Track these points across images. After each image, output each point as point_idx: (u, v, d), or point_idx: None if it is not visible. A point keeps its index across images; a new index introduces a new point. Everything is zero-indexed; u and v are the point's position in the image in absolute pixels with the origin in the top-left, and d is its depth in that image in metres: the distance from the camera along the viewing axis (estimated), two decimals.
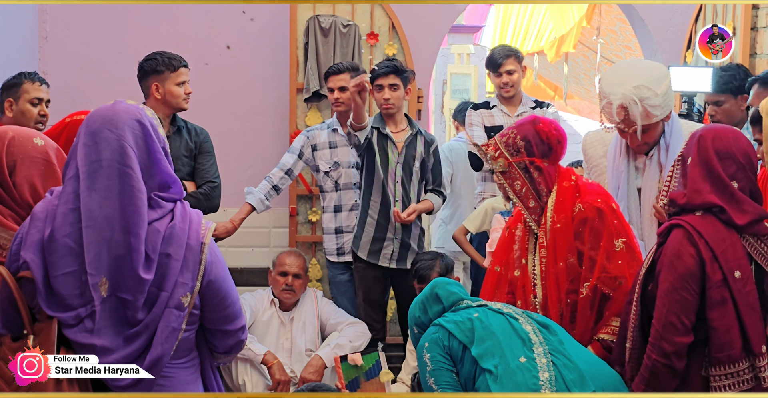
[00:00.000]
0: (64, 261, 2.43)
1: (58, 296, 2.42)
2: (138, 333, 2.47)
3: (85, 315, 2.43)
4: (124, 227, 2.45)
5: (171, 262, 2.50)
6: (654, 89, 3.65)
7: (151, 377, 2.47)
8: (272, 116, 6.35)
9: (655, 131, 3.78)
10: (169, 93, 4.76)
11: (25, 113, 4.27)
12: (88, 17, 6.23)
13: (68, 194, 2.48)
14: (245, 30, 6.33)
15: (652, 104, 3.66)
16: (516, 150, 3.63)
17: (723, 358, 2.96)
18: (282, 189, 5.43)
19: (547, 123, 3.67)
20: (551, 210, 3.60)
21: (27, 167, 2.75)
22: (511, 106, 5.95)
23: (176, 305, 2.50)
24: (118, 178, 2.48)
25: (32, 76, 4.35)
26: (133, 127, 2.54)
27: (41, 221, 2.47)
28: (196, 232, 2.56)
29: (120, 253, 2.44)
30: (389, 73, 5.11)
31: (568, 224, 3.57)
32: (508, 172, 3.65)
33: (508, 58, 5.85)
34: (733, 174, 3.04)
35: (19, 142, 2.77)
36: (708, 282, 2.97)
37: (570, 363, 3.02)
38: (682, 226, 3.04)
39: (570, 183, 3.64)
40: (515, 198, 3.67)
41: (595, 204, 3.56)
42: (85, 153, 2.50)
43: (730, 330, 2.95)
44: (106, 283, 2.43)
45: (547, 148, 3.63)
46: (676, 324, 2.98)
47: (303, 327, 5.24)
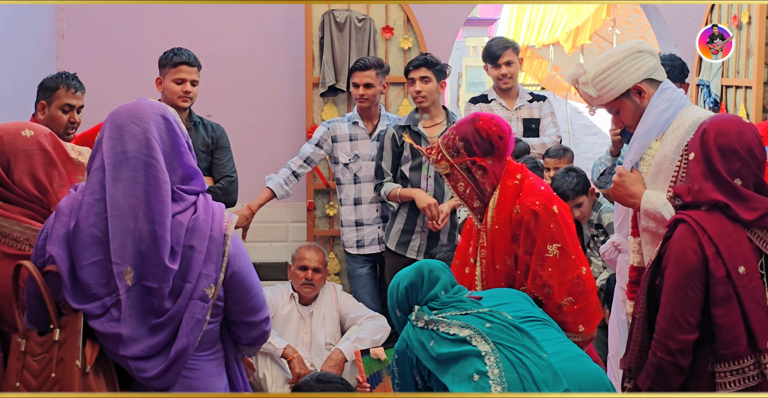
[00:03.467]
0: (89, 251, 2.45)
1: (83, 286, 2.44)
2: (163, 324, 2.49)
3: (111, 305, 2.45)
4: (149, 217, 2.47)
5: (195, 254, 2.52)
6: (587, 68, 3.56)
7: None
8: (288, 111, 6.37)
9: (627, 112, 3.59)
10: (166, 89, 4.79)
11: (54, 119, 4.21)
12: (105, 15, 6.26)
13: (93, 185, 2.50)
14: (261, 25, 6.34)
15: (582, 81, 3.55)
16: (456, 151, 3.56)
17: (728, 355, 2.93)
18: (301, 175, 5.46)
19: (486, 119, 3.58)
20: (492, 210, 3.53)
21: (22, 161, 2.76)
22: (509, 99, 5.97)
23: (200, 296, 2.52)
24: (143, 168, 2.50)
25: (69, 81, 4.22)
26: (158, 121, 2.57)
27: (66, 215, 2.49)
28: (219, 225, 2.59)
29: (145, 243, 2.46)
30: (420, 66, 5.18)
31: (506, 225, 3.49)
32: (451, 174, 3.58)
33: (507, 49, 5.87)
34: (737, 171, 2.99)
35: (8, 139, 2.79)
36: (711, 279, 2.93)
37: (542, 361, 2.86)
38: (687, 221, 3.01)
39: (513, 182, 3.55)
40: (460, 199, 3.61)
41: (532, 207, 3.46)
42: (111, 145, 2.52)
43: (735, 327, 2.92)
44: (131, 272, 2.45)
45: (488, 145, 3.54)
46: (680, 322, 2.95)
47: (323, 321, 5.25)
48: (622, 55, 3.54)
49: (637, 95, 3.54)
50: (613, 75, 3.52)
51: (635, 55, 3.54)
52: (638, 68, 3.53)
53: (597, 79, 3.54)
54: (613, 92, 3.53)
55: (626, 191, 3.48)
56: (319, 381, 3.72)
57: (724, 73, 6.22)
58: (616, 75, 3.52)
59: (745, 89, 5.97)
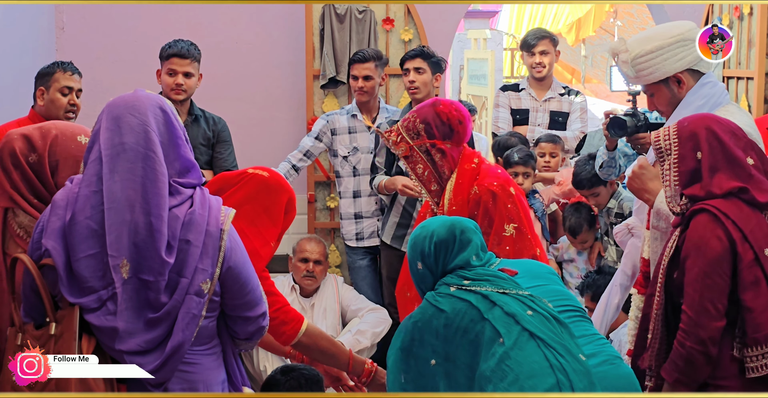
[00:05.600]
0: (86, 244, 2.43)
1: (79, 279, 2.42)
2: (160, 318, 2.47)
3: (107, 298, 2.43)
4: (146, 209, 2.45)
5: (191, 249, 2.49)
6: (629, 45, 3.49)
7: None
8: (289, 103, 6.36)
9: (662, 98, 3.54)
10: (161, 81, 4.78)
11: (54, 102, 4.26)
12: (105, 7, 6.25)
13: (90, 177, 2.48)
14: (261, 17, 6.33)
15: (623, 59, 3.50)
16: (416, 133, 3.58)
17: (760, 338, 2.88)
18: (301, 169, 5.47)
19: (447, 104, 3.60)
20: (449, 192, 3.55)
21: (70, 166, 2.72)
22: (540, 89, 5.95)
23: (196, 291, 2.50)
24: (141, 161, 2.48)
25: (65, 65, 4.32)
26: (156, 113, 2.55)
27: (62, 208, 2.47)
28: (215, 219, 2.56)
29: (141, 235, 2.44)
30: (415, 57, 5.20)
31: (464, 207, 3.51)
32: (410, 157, 3.60)
33: (543, 39, 5.89)
34: (745, 149, 3.00)
35: (62, 141, 2.74)
36: (740, 264, 2.90)
37: (580, 367, 2.65)
38: (707, 210, 2.96)
39: (471, 165, 3.58)
40: (418, 182, 3.62)
41: (490, 188, 3.50)
42: (108, 137, 2.49)
43: (767, 309, 2.88)
44: (127, 265, 2.43)
45: (448, 129, 3.57)
46: (710, 309, 2.90)
47: (324, 313, 5.25)
48: (669, 40, 3.47)
49: (676, 84, 3.49)
50: (656, 60, 3.46)
51: (682, 43, 3.48)
52: (683, 57, 3.47)
53: (638, 60, 3.47)
54: (652, 77, 3.48)
55: (643, 185, 3.42)
56: (283, 372, 3.75)
57: (726, 64, 6.21)
58: (658, 60, 3.46)
59: (747, 80, 5.96)
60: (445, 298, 2.71)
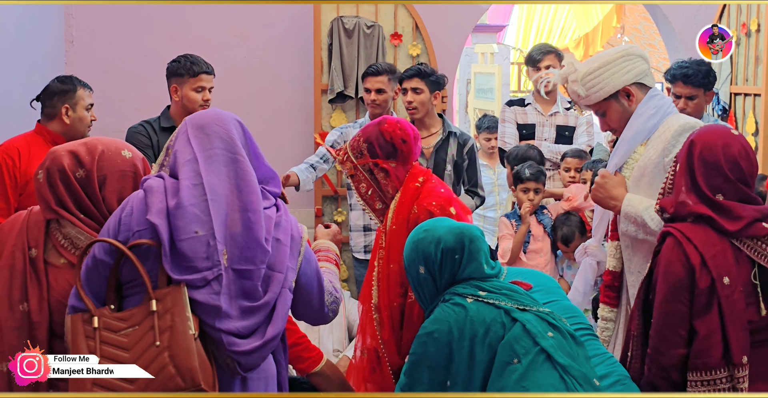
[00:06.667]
0: (191, 226, 2.48)
1: (184, 258, 2.47)
2: (257, 308, 2.53)
3: (212, 278, 2.47)
4: (242, 206, 2.55)
5: (281, 247, 2.61)
6: (577, 66, 3.60)
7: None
8: (297, 117, 6.38)
9: (614, 114, 3.61)
10: (186, 97, 4.79)
11: (82, 120, 4.43)
12: (114, 20, 6.29)
13: (189, 172, 2.56)
14: (269, 32, 6.36)
15: (572, 79, 3.60)
16: (360, 152, 3.58)
17: (699, 364, 2.87)
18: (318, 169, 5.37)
19: (392, 123, 3.58)
20: (392, 211, 3.53)
21: (117, 181, 2.74)
22: (545, 104, 5.95)
23: (290, 287, 2.62)
24: (232, 163, 2.61)
25: (82, 82, 4.47)
26: (236, 126, 2.74)
27: (161, 193, 2.53)
28: (297, 226, 2.71)
29: (239, 228, 2.53)
30: (412, 77, 5.14)
31: (403, 226, 3.48)
32: (355, 175, 3.60)
33: (548, 54, 5.89)
34: (718, 186, 2.95)
35: (109, 156, 2.76)
36: (696, 289, 2.89)
37: (595, 390, 2.70)
38: (672, 234, 2.97)
39: (415, 184, 3.56)
40: (361, 200, 3.63)
41: (428, 207, 3.46)
42: (199, 143, 2.62)
43: (711, 336, 2.86)
44: (227, 254, 2.50)
45: (391, 148, 3.55)
46: (670, 337, 2.91)
47: (330, 327, 5.24)
48: (613, 56, 3.59)
49: (626, 98, 3.58)
50: (604, 75, 3.56)
51: (627, 57, 3.58)
52: (629, 70, 3.56)
53: (587, 77, 3.57)
54: (602, 92, 3.57)
55: (608, 193, 3.54)
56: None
57: (733, 81, 6.22)
58: (606, 75, 3.55)
59: (754, 97, 5.97)
60: (460, 308, 2.76)
